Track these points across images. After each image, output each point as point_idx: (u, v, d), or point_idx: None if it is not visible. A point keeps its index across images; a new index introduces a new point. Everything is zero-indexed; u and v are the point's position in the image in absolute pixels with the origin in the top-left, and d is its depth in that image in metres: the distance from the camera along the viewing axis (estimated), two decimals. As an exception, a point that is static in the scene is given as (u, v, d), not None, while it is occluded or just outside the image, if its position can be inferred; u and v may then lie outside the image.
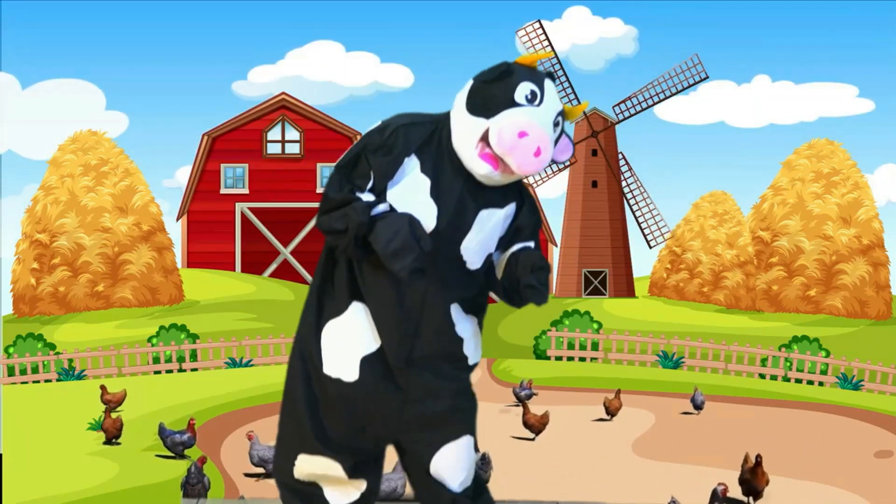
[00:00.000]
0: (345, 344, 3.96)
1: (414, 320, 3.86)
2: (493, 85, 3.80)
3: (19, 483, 11.00)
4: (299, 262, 37.67)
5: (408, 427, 3.98)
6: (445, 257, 3.84)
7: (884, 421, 17.98)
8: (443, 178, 3.84)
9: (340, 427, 4.00)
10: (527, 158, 3.70)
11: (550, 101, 3.83)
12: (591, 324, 25.42)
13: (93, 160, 32.64)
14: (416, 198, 3.83)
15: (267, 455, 11.81)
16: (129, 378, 22.27)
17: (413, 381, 3.93)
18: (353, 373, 3.93)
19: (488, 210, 3.88)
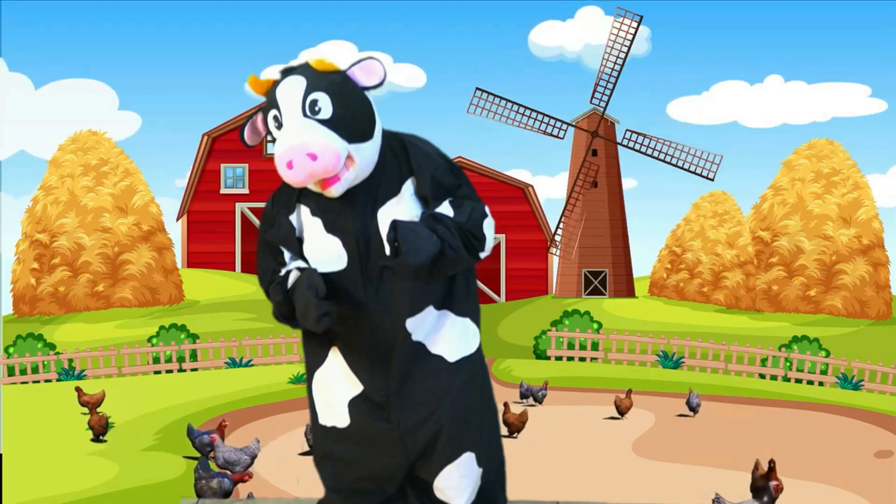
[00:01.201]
0: (331, 391, 3.96)
1: (377, 348, 3.84)
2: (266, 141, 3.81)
3: (19, 483, 11.00)
4: (299, 262, 37.70)
5: (412, 458, 3.96)
6: (375, 274, 3.81)
7: (884, 421, 17.98)
8: (330, 208, 3.82)
9: (349, 474, 3.98)
10: (312, 171, 3.66)
11: (288, 100, 3.71)
12: (591, 324, 25.42)
13: (93, 160, 32.64)
14: (319, 240, 3.82)
15: (232, 457, 11.65)
16: (129, 378, 22.27)
17: (403, 411, 3.91)
18: (344, 418, 3.93)
19: (386, 205, 3.83)
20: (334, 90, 3.78)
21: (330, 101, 3.75)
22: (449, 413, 3.98)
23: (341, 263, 3.80)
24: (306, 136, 3.67)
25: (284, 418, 16.07)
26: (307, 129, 3.69)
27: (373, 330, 3.82)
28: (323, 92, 3.76)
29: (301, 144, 3.65)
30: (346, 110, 3.77)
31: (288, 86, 3.78)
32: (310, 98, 3.74)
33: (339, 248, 3.80)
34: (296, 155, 3.64)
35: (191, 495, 10.64)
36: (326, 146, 3.67)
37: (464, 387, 4.03)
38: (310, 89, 3.76)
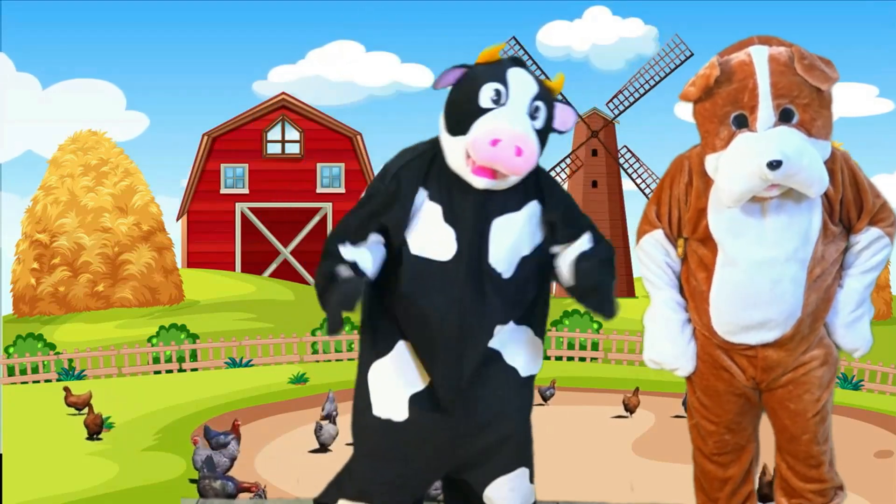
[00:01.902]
0: (392, 383, 3.91)
1: (456, 349, 3.81)
2: (458, 100, 3.78)
3: (19, 483, 11.00)
4: (299, 262, 37.68)
5: (460, 462, 3.94)
6: (477, 276, 3.79)
7: (884, 421, 17.98)
8: (453, 199, 3.81)
9: (388, 472, 3.94)
10: (510, 162, 3.67)
11: (520, 90, 3.76)
12: (591, 324, 25.42)
13: (93, 160, 32.65)
14: (433, 227, 3.81)
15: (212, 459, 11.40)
16: (129, 378, 22.28)
17: (464, 414, 3.88)
18: (402, 412, 3.88)
19: (504, 217, 3.83)
20: (550, 109, 3.86)
21: (545, 116, 3.83)
22: (516, 425, 3.97)
23: (448, 255, 3.80)
24: (526, 131, 3.71)
25: (284, 418, 16.08)
26: (527, 124, 3.74)
27: (458, 328, 3.80)
28: (545, 104, 3.83)
29: (522, 135, 3.70)
30: (546, 131, 3.87)
31: (524, 77, 3.83)
32: (536, 103, 3.80)
33: (451, 239, 3.81)
34: (508, 139, 3.66)
35: (191, 495, 10.64)
36: (534, 152, 3.75)
37: (527, 404, 4.05)
38: (539, 96, 3.81)
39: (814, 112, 4.04)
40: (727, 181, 3.99)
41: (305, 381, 19.35)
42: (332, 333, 3.76)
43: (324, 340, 23.83)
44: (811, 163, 3.95)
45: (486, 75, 3.77)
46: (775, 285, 4.10)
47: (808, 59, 4.03)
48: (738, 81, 4.02)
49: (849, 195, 4.16)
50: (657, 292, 4.34)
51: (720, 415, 4.34)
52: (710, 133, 4.09)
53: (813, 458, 4.27)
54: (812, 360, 4.23)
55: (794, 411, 4.23)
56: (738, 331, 4.19)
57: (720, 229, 4.13)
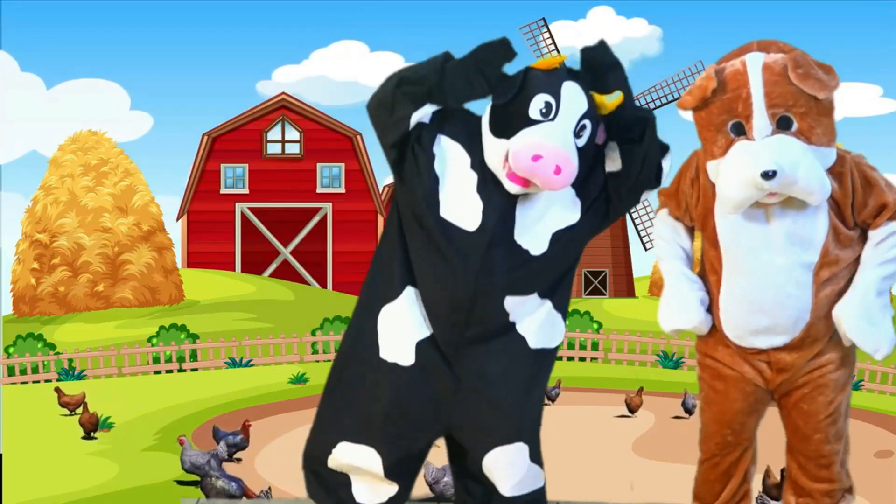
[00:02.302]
0: (400, 328, 3.93)
1: (464, 312, 3.84)
2: (507, 104, 3.78)
3: (19, 483, 11.00)
4: (299, 262, 37.68)
5: (458, 420, 3.94)
6: (498, 252, 3.81)
7: (884, 421, 17.98)
8: (488, 173, 3.84)
9: (392, 415, 3.94)
10: (548, 179, 3.69)
11: (570, 107, 3.77)
12: (591, 324, 25.43)
13: (93, 160, 32.64)
14: (466, 195, 3.83)
15: (199, 461, 11.32)
16: (129, 378, 22.28)
17: (466, 367, 3.90)
18: (409, 357, 3.91)
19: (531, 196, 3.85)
20: (595, 128, 3.88)
21: (589, 135, 3.86)
22: (513, 393, 3.97)
23: (474, 225, 3.82)
24: (568, 151, 3.73)
25: (284, 418, 16.07)
26: (573, 146, 3.77)
27: (471, 295, 3.83)
28: (591, 122, 3.84)
29: (564, 155, 3.72)
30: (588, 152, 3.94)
31: (576, 92, 3.85)
32: (584, 122, 3.81)
33: (478, 210, 3.84)
34: (550, 156, 3.68)
35: (191, 495, 10.64)
36: (573, 172, 3.78)
37: (533, 376, 4.04)
38: (587, 114, 3.84)
39: (812, 120, 4.00)
40: (726, 189, 3.99)
41: (305, 381, 19.36)
42: None
43: (324, 340, 23.84)
44: (809, 171, 3.91)
45: (541, 85, 3.77)
46: (780, 291, 4.08)
47: (803, 67, 3.97)
48: (731, 91, 4.00)
49: (860, 198, 4.11)
50: (663, 264, 4.42)
51: (725, 411, 4.35)
52: (708, 141, 4.10)
53: (824, 458, 4.28)
54: (828, 363, 4.21)
55: (806, 412, 4.25)
56: (747, 335, 4.20)
57: (725, 234, 4.15)
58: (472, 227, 3.81)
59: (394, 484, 4.03)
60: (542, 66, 3.82)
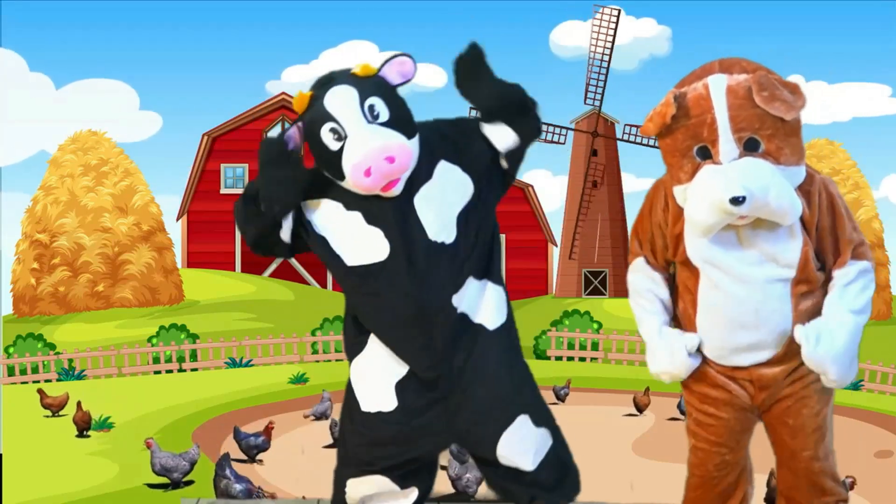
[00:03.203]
0: (375, 377, 3.96)
1: (421, 327, 3.85)
2: (316, 155, 3.82)
3: (19, 483, 11.00)
4: (299, 262, 37.68)
5: (462, 431, 3.97)
6: (420, 261, 3.83)
7: (884, 421, 17.97)
8: (367, 201, 3.85)
9: (388, 453, 3.98)
10: (392, 172, 3.70)
11: (345, 110, 3.76)
12: (591, 324, 25.42)
13: (93, 160, 32.64)
14: (359, 232, 3.85)
15: (170, 463, 11.20)
16: (129, 378, 22.27)
17: (451, 388, 3.92)
18: (391, 401, 3.94)
19: (421, 190, 3.86)
20: (384, 93, 3.85)
21: (385, 104, 3.82)
22: (497, 378, 4.00)
23: (384, 254, 3.84)
24: (381, 140, 3.70)
25: (284, 418, 16.06)
26: (377, 133, 3.73)
27: (418, 311, 3.86)
28: (377, 96, 3.81)
29: (379, 148, 3.70)
30: (399, 110, 3.84)
31: (339, 95, 3.81)
32: (367, 103, 3.78)
33: (380, 239, 3.86)
34: (375, 160, 3.67)
35: (191, 495, 10.64)
36: (402, 147, 3.75)
37: (505, 353, 4.07)
38: (363, 95, 3.80)
39: (780, 141, 3.90)
40: (695, 214, 3.91)
41: (305, 381, 19.35)
42: None
43: (324, 340, 23.83)
44: (779, 193, 3.83)
45: (315, 121, 3.77)
46: (761, 307, 4.01)
47: (767, 89, 3.86)
48: (695, 116, 3.90)
49: (825, 222, 4.04)
50: (644, 325, 4.28)
51: (721, 432, 4.28)
52: (674, 166, 4.02)
53: (814, 475, 4.21)
54: (809, 373, 4.12)
55: (793, 427, 4.16)
56: (729, 354, 4.13)
57: (698, 255, 4.06)
58: (383, 257, 3.83)
59: (413, 489, 4.07)
60: (301, 107, 3.84)
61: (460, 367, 3.95)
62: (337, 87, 3.78)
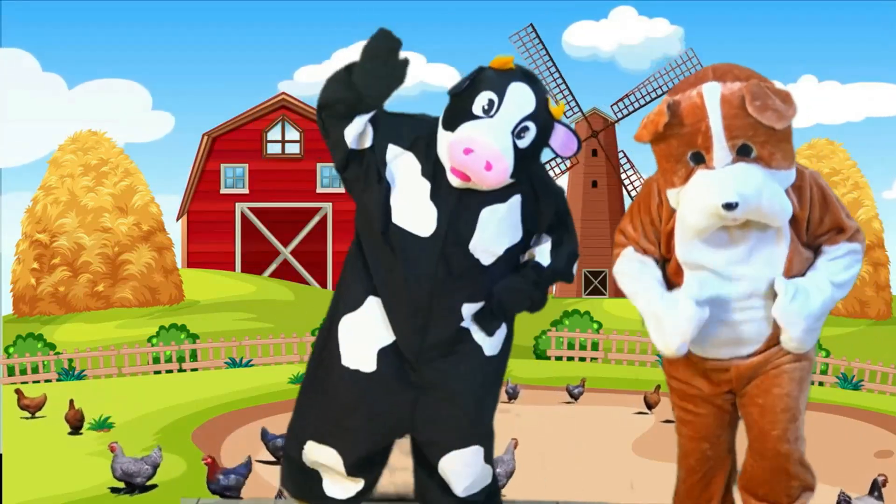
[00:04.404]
0: (362, 336, 4.01)
1: (422, 316, 3.90)
2: (457, 97, 3.83)
3: (19, 483, 11.00)
4: (299, 262, 37.68)
5: (418, 425, 4.00)
6: (452, 257, 3.86)
7: (884, 421, 17.98)
8: (441, 181, 3.87)
9: (353, 419, 4.02)
10: (479, 174, 3.73)
11: (513, 106, 3.79)
12: (591, 324, 25.42)
13: (93, 160, 32.64)
14: (419, 202, 3.87)
15: (131, 468, 11.05)
16: (129, 378, 22.27)
17: (427, 374, 3.96)
18: (370, 364, 3.99)
19: (491, 207, 3.89)
20: (541, 133, 3.90)
21: (532, 138, 3.86)
22: (471, 400, 4.04)
23: (427, 231, 3.87)
24: (501, 147, 3.74)
25: (285, 418, 16.02)
26: (507, 144, 3.83)
27: (426, 301, 3.88)
28: (537, 127, 3.84)
29: (494, 152, 3.75)
30: (534, 152, 3.91)
31: (523, 95, 3.85)
32: (526, 123, 3.81)
33: (433, 218, 3.88)
34: (481, 151, 3.72)
35: (191, 495, 10.65)
36: (505, 170, 3.81)
37: (489, 382, 4.10)
38: (532, 116, 3.84)
39: (772, 147, 3.97)
40: (689, 217, 3.98)
41: (305, 381, 19.34)
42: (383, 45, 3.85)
43: (324, 340, 23.86)
44: (771, 197, 3.91)
45: (489, 83, 3.80)
46: (745, 304, 4.08)
47: (760, 99, 3.91)
48: (690, 125, 3.96)
49: (816, 215, 4.13)
50: (640, 298, 4.30)
51: (699, 428, 4.35)
52: (668, 171, 4.08)
53: (781, 457, 4.22)
54: (783, 354, 4.18)
55: (762, 405, 4.20)
56: (709, 348, 4.19)
57: (686, 254, 4.13)
58: (426, 233, 3.87)
59: (359, 480, 4.12)
60: (497, 66, 3.86)
61: (444, 372, 3.96)
62: (529, 89, 3.84)
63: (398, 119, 3.99)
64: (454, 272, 3.89)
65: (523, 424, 15.14)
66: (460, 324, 3.97)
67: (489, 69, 3.85)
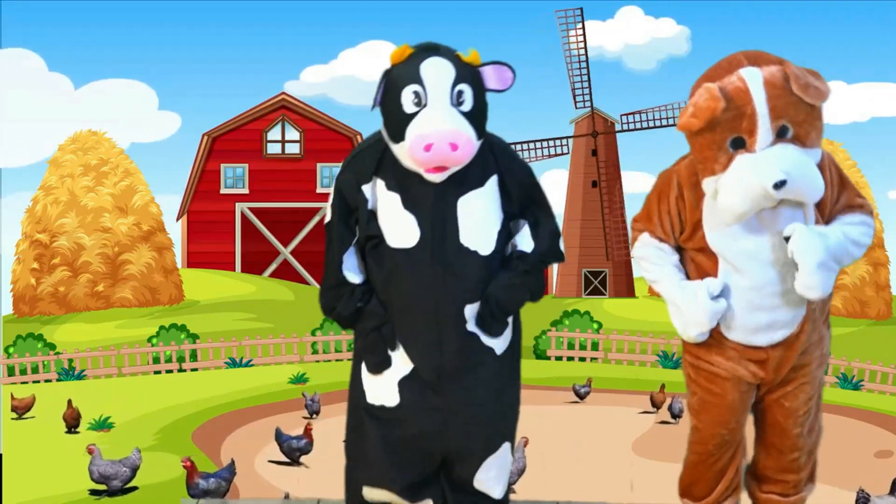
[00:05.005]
0: (383, 371, 3.98)
1: (435, 330, 3.86)
2: (387, 110, 3.81)
3: (19, 483, 11.00)
4: (299, 262, 37.69)
5: (454, 437, 3.98)
6: (447, 257, 3.83)
7: (884, 421, 17.98)
8: (410, 186, 3.85)
9: (391, 455, 4.00)
10: (450, 158, 3.70)
11: (437, 84, 3.76)
12: (591, 324, 25.42)
13: (93, 160, 32.65)
14: (395, 215, 3.86)
15: (108, 471, 10.87)
16: (129, 378, 22.27)
17: (451, 392, 3.93)
18: (393, 397, 3.96)
19: (469, 194, 3.86)
20: (476, 86, 3.84)
21: (472, 95, 3.81)
22: (495, 405, 4.02)
23: (413, 241, 3.84)
24: (454, 125, 3.71)
25: (284, 418, 16.06)
26: (455, 118, 3.75)
27: (433, 310, 3.85)
28: (469, 85, 3.81)
29: (449, 133, 3.70)
30: (481, 107, 3.84)
31: (436, 66, 3.81)
32: (458, 87, 3.78)
33: (413, 225, 3.84)
34: (439, 140, 3.68)
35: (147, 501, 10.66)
36: (469, 140, 3.76)
37: (507, 378, 4.08)
38: (459, 79, 3.80)
39: (808, 126, 4.07)
40: (730, 201, 4.03)
41: (305, 381, 19.35)
42: (377, 368, 4.00)
43: (324, 340, 23.85)
44: (811, 176, 4.02)
45: (403, 78, 3.77)
46: (780, 288, 4.15)
47: (802, 78, 4.03)
48: (735, 108, 4.01)
49: (835, 193, 4.25)
50: (663, 283, 4.35)
51: (723, 412, 4.39)
52: (708, 159, 4.11)
53: (798, 451, 4.42)
54: (812, 361, 4.35)
55: (787, 409, 4.35)
56: (748, 334, 4.25)
57: (720, 242, 4.18)
58: (412, 243, 3.84)
59: (426, 500, 4.10)
60: (397, 60, 3.83)
61: (465, 383, 3.95)
62: (438, 58, 3.80)
63: (357, 163, 3.98)
64: (454, 271, 3.86)
65: (523, 424, 15.12)
66: (467, 328, 3.93)
67: (393, 67, 3.83)
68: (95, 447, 11.20)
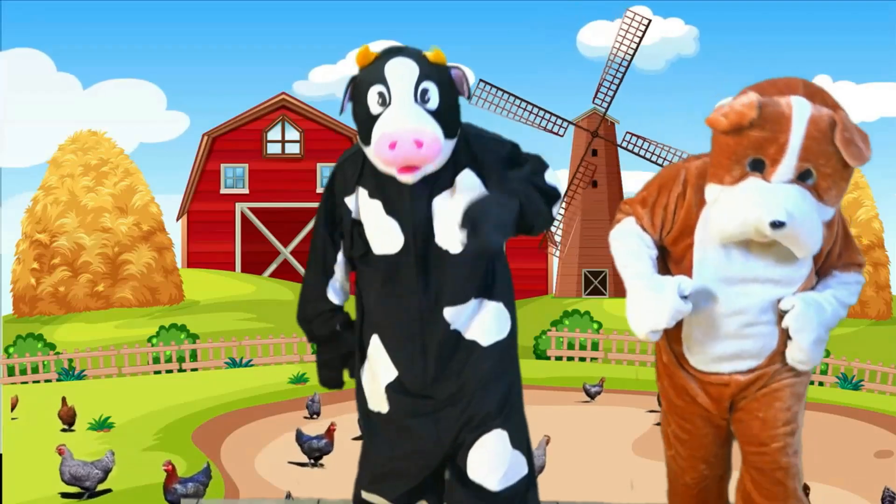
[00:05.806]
0: (374, 378, 3.98)
1: (417, 335, 3.85)
2: (355, 113, 3.81)
3: (19, 483, 11.00)
4: (299, 262, 37.68)
5: (445, 434, 3.96)
6: (426, 260, 3.82)
7: (884, 421, 17.98)
8: (390, 192, 3.83)
9: (387, 463, 3.99)
10: (415, 157, 3.67)
11: (400, 83, 3.74)
12: (591, 324, 25.42)
13: (93, 160, 32.65)
14: (378, 222, 3.85)
15: (80, 472, 10.89)
16: (129, 378, 22.28)
17: (439, 398, 3.92)
18: (384, 403, 3.95)
19: (442, 195, 3.84)
20: (443, 84, 3.82)
21: (438, 93, 3.79)
22: (481, 398, 3.98)
23: (397, 246, 3.83)
24: (418, 123, 3.69)
25: (284, 418, 16.07)
26: (419, 116, 3.72)
27: (417, 316, 3.84)
28: (434, 83, 3.80)
29: (413, 130, 3.67)
30: (449, 105, 3.81)
31: (400, 66, 3.78)
32: (422, 85, 3.77)
33: (396, 230, 3.84)
34: (403, 137, 3.65)
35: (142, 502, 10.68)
36: (435, 138, 3.72)
37: (496, 371, 4.03)
38: (423, 77, 3.78)
39: (832, 181, 3.86)
40: (724, 219, 3.85)
41: (305, 381, 19.35)
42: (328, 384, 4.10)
43: (324, 340, 23.86)
44: (811, 229, 3.82)
45: (367, 81, 3.77)
46: (750, 321, 3.99)
47: (849, 131, 3.81)
48: (770, 131, 3.81)
49: (838, 248, 4.08)
50: (630, 268, 4.13)
51: (697, 448, 4.27)
52: (721, 166, 3.91)
53: (780, 471, 4.12)
54: (784, 370, 4.08)
55: (763, 419, 4.10)
56: (710, 362, 4.09)
57: (702, 260, 4.01)
58: (396, 249, 3.83)
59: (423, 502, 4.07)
60: (363, 63, 3.83)
61: (449, 383, 3.93)
62: (402, 58, 3.79)
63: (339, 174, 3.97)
64: (430, 274, 3.85)
65: (531, 425, 15.14)
66: (449, 328, 3.91)
67: (359, 71, 3.83)
68: (66, 448, 11.11)
